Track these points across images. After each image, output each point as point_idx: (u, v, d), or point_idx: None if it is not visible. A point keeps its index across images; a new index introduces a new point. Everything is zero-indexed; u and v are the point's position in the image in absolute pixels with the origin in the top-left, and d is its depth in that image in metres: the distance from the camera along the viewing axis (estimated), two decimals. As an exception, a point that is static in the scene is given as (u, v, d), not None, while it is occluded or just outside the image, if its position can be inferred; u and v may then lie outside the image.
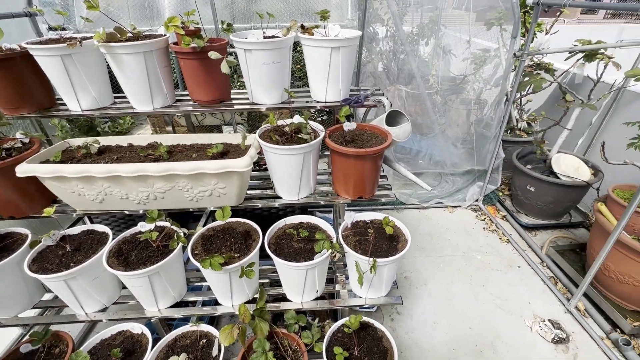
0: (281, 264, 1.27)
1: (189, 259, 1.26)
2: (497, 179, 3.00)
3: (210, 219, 2.00)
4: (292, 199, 1.43)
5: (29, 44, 1.28)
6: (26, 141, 1.40)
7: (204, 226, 1.41)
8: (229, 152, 1.37)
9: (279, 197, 1.46)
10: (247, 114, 3.18)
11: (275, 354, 1.23)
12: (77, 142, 1.43)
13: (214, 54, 1.23)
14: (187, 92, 1.54)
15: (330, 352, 1.28)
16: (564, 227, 2.74)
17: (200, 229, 1.38)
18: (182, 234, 1.29)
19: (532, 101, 3.15)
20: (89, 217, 1.89)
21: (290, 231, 1.38)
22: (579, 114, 2.46)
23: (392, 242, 1.36)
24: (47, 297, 1.48)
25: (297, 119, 1.33)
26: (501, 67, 2.65)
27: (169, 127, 3.10)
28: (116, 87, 1.45)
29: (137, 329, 1.41)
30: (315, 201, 1.44)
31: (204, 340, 1.38)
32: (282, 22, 2.42)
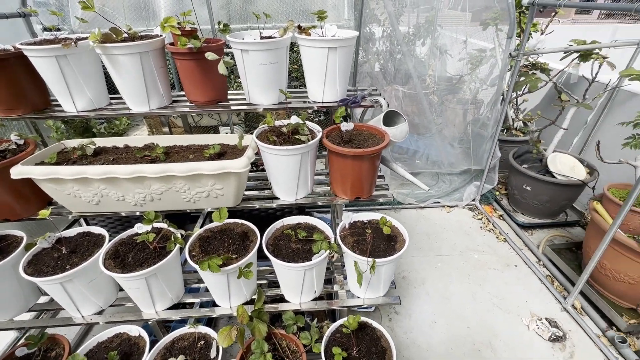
0: (279, 265, 1.27)
1: (186, 261, 1.25)
2: (493, 179, 3.01)
3: (207, 220, 2.00)
4: (290, 200, 1.43)
5: (23, 44, 1.27)
6: (21, 143, 1.39)
7: (201, 227, 1.41)
8: (226, 153, 1.37)
9: (277, 198, 1.45)
10: (244, 115, 3.17)
11: (273, 355, 1.23)
12: (73, 143, 1.42)
13: (211, 55, 1.23)
14: (183, 93, 1.54)
15: (329, 352, 1.29)
16: (560, 226, 2.76)
17: (197, 230, 1.38)
18: (179, 236, 1.28)
19: (528, 101, 3.17)
20: (85, 219, 1.88)
21: (288, 232, 1.38)
22: (574, 113, 2.47)
23: (390, 242, 1.37)
24: (42, 300, 1.47)
25: (294, 120, 1.33)
26: (497, 67, 2.66)
27: (165, 128, 3.08)
28: (112, 88, 1.45)
29: (134, 331, 1.40)
30: (313, 202, 1.44)
31: (202, 342, 1.38)
32: (278, 22, 2.42)
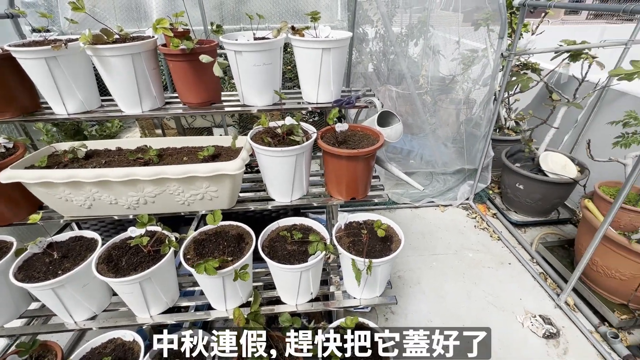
0: (275, 267, 1.26)
1: (181, 264, 1.24)
2: (487, 178, 3.04)
3: (202, 222, 1.98)
4: (285, 201, 1.43)
5: (11, 46, 1.25)
6: (10, 146, 1.36)
7: (195, 230, 1.40)
8: (220, 154, 1.36)
9: (272, 200, 1.45)
10: (238, 116, 3.16)
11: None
12: (64, 146, 1.39)
13: (205, 58, 1.22)
14: (176, 95, 1.52)
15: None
16: (552, 223, 2.79)
17: (192, 233, 1.37)
18: (173, 239, 1.27)
19: (520, 100, 3.20)
20: (76, 223, 1.85)
21: (283, 233, 1.38)
22: (565, 112, 2.51)
23: (386, 242, 1.37)
24: (34, 306, 1.44)
25: (288, 121, 1.33)
26: (489, 67, 2.69)
27: (158, 130, 3.05)
28: (103, 90, 1.43)
29: (128, 336, 1.38)
30: (308, 203, 1.43)
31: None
32: (271, 23, 2.41)
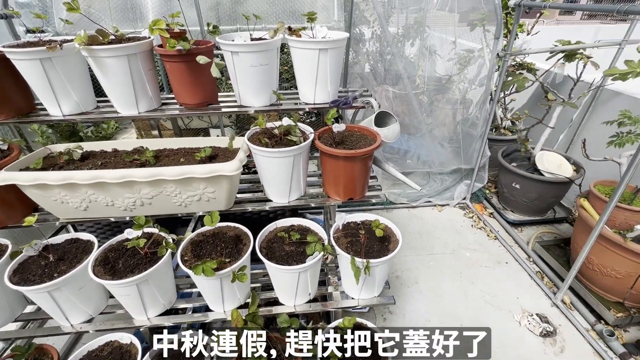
0: (273, 268, 1.26)
1: (178, 266, 1.23)
2: (483, 177, 3.05)
3: (199, 223, 1.97)
4: (283, 202, 1.42)
5: (5, 47, 1.24)
6: (4, 148, 1.35)
7: (193, 231, 1.39)
8: (217, 155, 1.36)
9: (269, 200, 1.44)
10: (235, 117, 3.15)
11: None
12: (59, 148, 1.38)
13: (202, 59, 1.21)
14: (173, 95, 1.51)
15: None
16: (548, 222, 2.81)
17: (189, 235, 1.36)
18: (170, 240, 1.26)
19: (516, 100, 3.22)
20: (72, 225, 1.84)
21: (281, 234, 1.37)
22: (560, 112, 2.52)
23: (384, 242, 1.37)
24: (29, 309, 1.43)
25: (286, 121, 1.33)
26: (485, 67, 2.70)
27: (155, 131, 3.04)
28: (99, 91, 1.42)
29: (125, 338, 1.37)
30: (306, 203, 1.43)
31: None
32: (268, 23, 2.41)
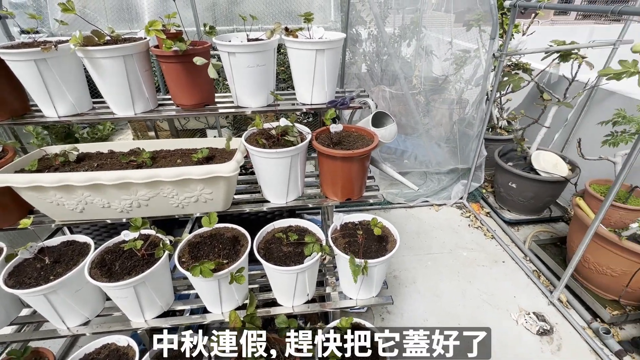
0: (271, 269, 1.26)
1: (175, 267, 1.23)
2: (480, 177, 3.07)
3: (196, 225, 1.96)
4: (280, 203, 1.42)
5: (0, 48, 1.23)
6: (-1, 150, 1.34)
7: (190, 232, 1.38)
8: (214, 156, 1.35)
9: (267, 201, 1.44)
10: (232, 117, 3.14)
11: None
12: (55, 149, 1.37)
13: (199, 60, 1.21)
14: (169, 96, 1.51)
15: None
16: (544, 221, 2.83)
17: (186, 236, 1.35)
18: (168, 242, 1.26)
19: (512, 100, 3.24)
20: (68, 227, 1.82)
21: (279, 235, 1.37)
22: (555, 111, 2.54)
23: (382, 242, 1.37)
24: (25, 312, 1.42)
25: (283, 122, 1.32)
26: (481, 68, 2.72)
27: (151, 132, 3.03)
28: (95, 92, 1.41)
29: (122, 341, 1.36)
30: (303, 204, 1.43)
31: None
32: (264, 24, 2.40)
